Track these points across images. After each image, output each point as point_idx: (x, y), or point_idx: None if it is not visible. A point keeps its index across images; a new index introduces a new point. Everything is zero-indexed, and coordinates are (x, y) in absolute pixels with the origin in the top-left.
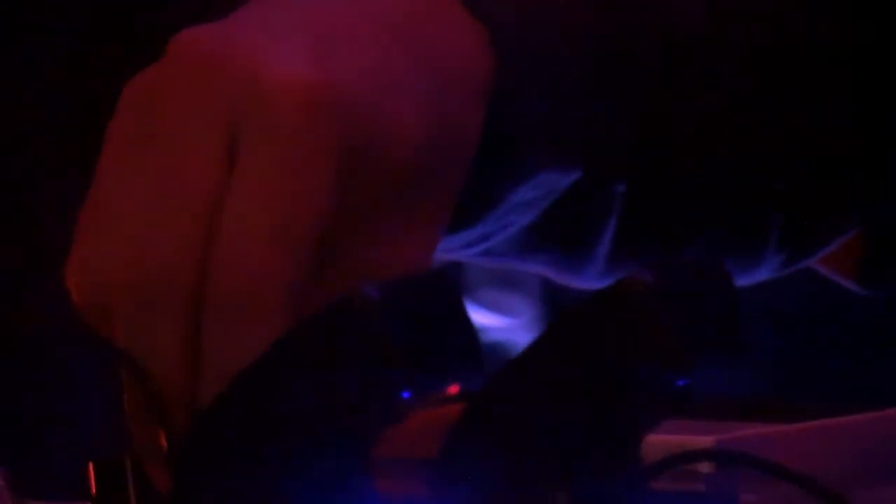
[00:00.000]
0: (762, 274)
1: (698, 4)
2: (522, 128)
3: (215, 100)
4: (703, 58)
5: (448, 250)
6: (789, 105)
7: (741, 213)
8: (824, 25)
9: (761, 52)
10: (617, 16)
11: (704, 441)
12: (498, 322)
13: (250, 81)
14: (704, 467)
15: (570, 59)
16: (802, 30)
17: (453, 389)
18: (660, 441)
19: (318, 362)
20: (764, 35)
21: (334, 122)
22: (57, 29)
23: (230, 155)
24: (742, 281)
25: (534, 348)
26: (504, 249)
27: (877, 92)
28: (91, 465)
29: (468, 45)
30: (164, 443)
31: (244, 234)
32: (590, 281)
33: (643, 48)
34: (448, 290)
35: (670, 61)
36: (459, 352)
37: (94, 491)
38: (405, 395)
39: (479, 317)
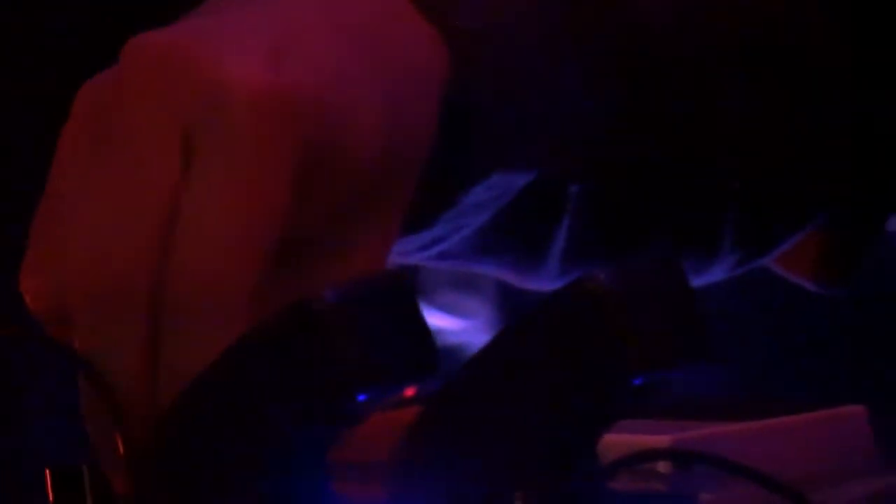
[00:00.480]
0: (717, 273)
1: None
2: (476, 129)
3: (170, 104)
4: (658, 55)
5: (403, 253)
6: (742, 102)
7: (695, 213)
8: (785, 21)
9: (716, 49)
10: (574, 15)
11: (662, 440)
12: (454, 324)
13: (205, 85)
14: (663, 467)
15: (525, 59)
16: (760, 26)
17: (409, 392)
18: (617, 440)
19: (272, 366)
20: (721, 32)
21: (291, 126)
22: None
23: (186, 159)
24: (697, 281)
25: (490, 349)
26: (459, 251)
27: (831, 86)
28: (48, 472)
29: (422, 48)
30: (122, 449)
31: (201, 240)
32: (545, 282)
33: (597, 47)
34: (403, 292)
35: (625, 59)
36: (415, 354)
37: (51, 498)
38: (361, 397)
39: (435, 319)
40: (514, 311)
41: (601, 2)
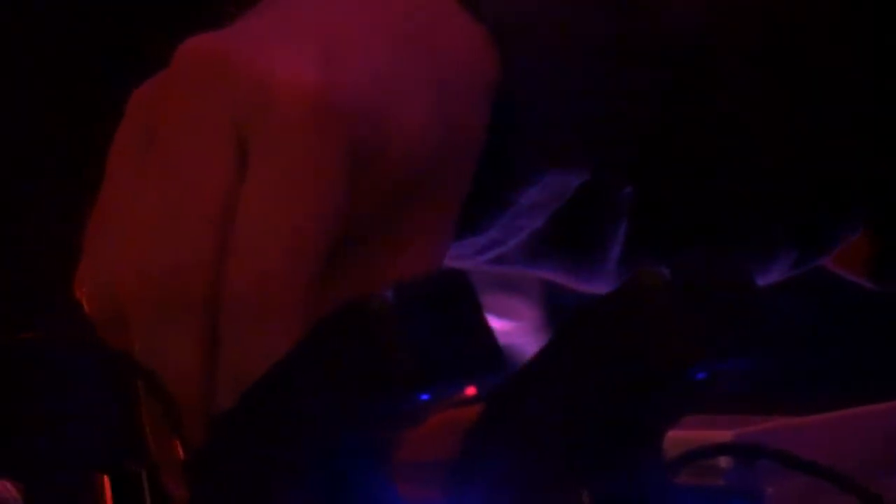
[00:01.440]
0: (774, 274)
1: (700, 4)
2: (527, 129)
3: (223, 105)
4: (708, 58)
5: (460, 257)
6: (796, 104)
7: (753, 213)
8: (828, 24)
9: (765, 51)
10: (620, 15)
11: (723, 435)
12: (501, 326)
13: (259, 86)
14: (723, 461)
15: (574, 59)
16: (806, 29)
17: (470, 391)
18: (679, 437)
19: (333, 367)
20: (767, 34)
21: (344, 125)
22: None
23: (240, 160)
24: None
25: (550, 346)
26: (516, 255)
27: (883, 89)
28: (106, 478)
29: (471, 48)
30: (180, 453)
31: (258, 241)
32: (602, 285)
33: (647, 48)
34: (464, 291)
35: (675, 61)
36: (477, 352)
37: (109, 503)
38: (423, 396)
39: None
40: (560, 311)
41: (641, 7)
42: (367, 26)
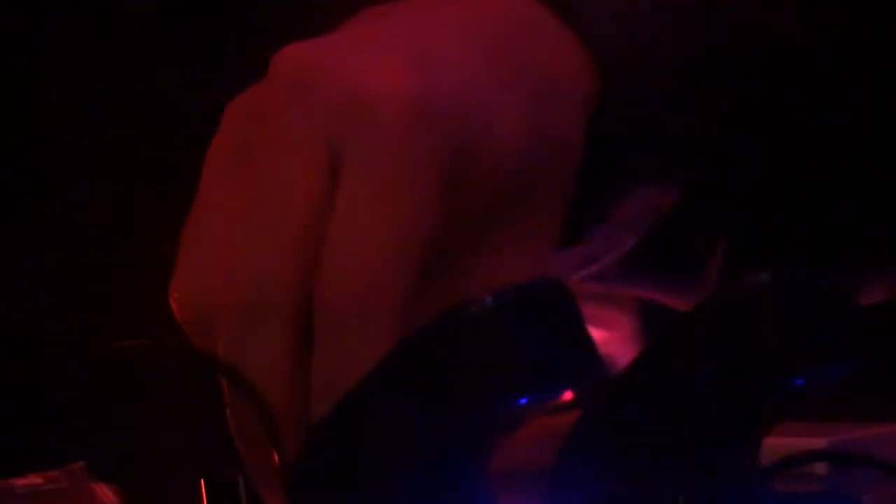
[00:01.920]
0: (879, 293)
1: (792, 14)
2: (624, 142)
3: (317, 113)
4: (802, 71)
5: (558, 273)
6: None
7: (856, 229)
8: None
9: (862, 62)
10: (714, 28)
11: (819, 442)
12: (596, 335)
13: (354, 94)
14: (819, 468)
15: (670, 71)
16: None
17: (568, 396)
18: (775, 444)
19: (432, 372)
20: (860, 45)
21: (438, 132)
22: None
23: (332, 167)
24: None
25: (650, 353)
26: (613, 272)
27: None
28: (202, 482)
29: (569, 60)
30: (275, 462)
31: (355, 245)
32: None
33: (742, 62)
34: (564, 297)
35: (769, 75)
36: (576, 357)
37: None
38: (523, 401)
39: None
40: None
41: (735, 23)
42: (462, 37)
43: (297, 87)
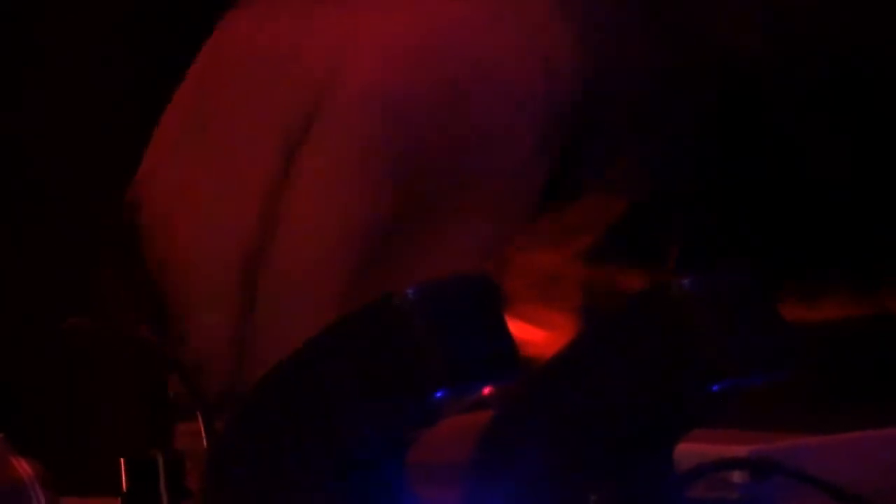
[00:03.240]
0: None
1: (758, 35)
2: (592, 152)
3: (278, 96)
4: (760, 87)
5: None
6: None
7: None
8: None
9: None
10: (679, 45)
11: (739, 451)
12: (537, 336)
13: (324, 81)
14: (738, 476)
15: (627, 93)
16: (869, 60)
17: (486, 391)
18: (694, 450)
19: (353, 359)
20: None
21: (397, 125)
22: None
23: (289, 148)
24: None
25: (568, 351)
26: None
27: None
28: (122, 461)
29: (528, 63)
30: (206, 443)
31: (305, 225)
32: None
33: (700, 78)
34: (487, 293)
35: (727, 88)
36: (496, 353)
37: (124, 487)
38: (439, 394)
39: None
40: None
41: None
42: (432, 36)
43: (260, 67)
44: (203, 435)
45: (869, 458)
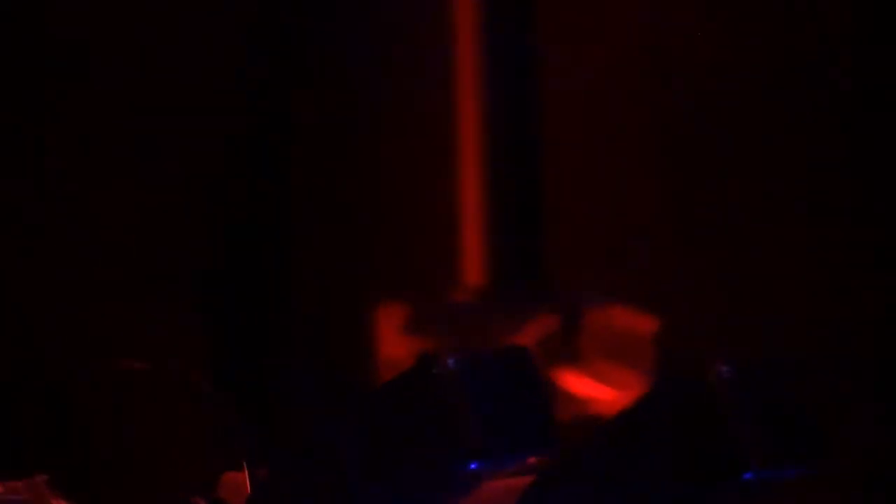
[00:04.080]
0: None
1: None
2: None
3: None
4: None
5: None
6: None
7: None
8: None
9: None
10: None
11: None
12: (605, 394)
13: None
14: None
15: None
16: None
17: (530, 457)
18: None
19: (391, 425)
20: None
21: None
22: None
23: None
24: None
25: (607, 426)
26: None
27: None
28: None
29: None
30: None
31: None
32: None
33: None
34: (526, 366)
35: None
36: (532, 427)
37: None
38: (473, 466)
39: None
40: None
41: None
42: None
43: None
44: (247, 485)
45: None
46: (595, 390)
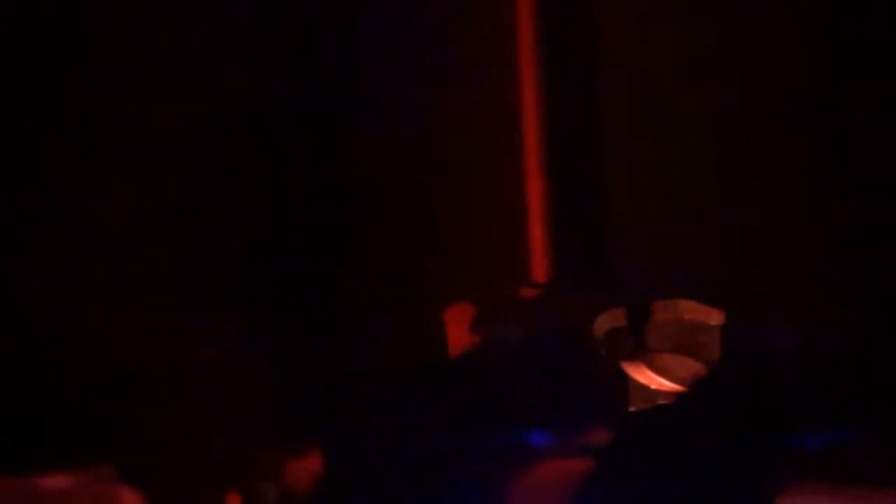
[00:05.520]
0: None
1: None
2: None
3: None
4: None
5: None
6: None
7: None
8: None
9: None
10: None
11: None
12: (666, 386)
13: None
14: None
15: None
16: None
17: (588, 439)
18: None
19: (453, 399)
20: None
21: None
22: None
23: None
24: None
25: (665, 408)
26: None
27: None
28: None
29: None
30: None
31: None
32: None
33: None
34: (588, 347)
35: None
36: (595, 404)
37: None
38: (536, 440)
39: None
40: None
41: None
42: None
43: None
44: (314, 472)
45: None
46: (658, 383)
